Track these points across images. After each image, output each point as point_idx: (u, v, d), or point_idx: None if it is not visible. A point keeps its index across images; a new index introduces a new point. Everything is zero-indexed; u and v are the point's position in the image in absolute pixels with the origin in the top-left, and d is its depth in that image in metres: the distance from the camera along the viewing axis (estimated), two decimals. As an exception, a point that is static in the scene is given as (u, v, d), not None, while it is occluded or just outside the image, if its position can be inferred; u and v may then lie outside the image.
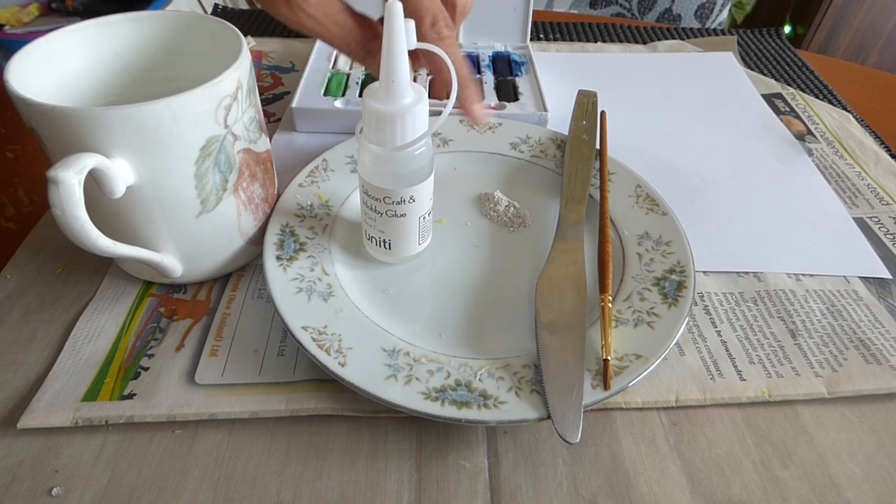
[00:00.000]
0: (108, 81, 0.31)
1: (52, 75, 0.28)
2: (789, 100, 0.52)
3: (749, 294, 0.34)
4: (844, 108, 0.51)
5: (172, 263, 0.30)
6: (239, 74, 0.27)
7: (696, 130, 0.47)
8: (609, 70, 0.55)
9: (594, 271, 0.32)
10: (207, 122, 0.26)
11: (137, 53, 0.32)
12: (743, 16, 1.39)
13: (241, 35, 0.28)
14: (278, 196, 0.35)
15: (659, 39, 0.61)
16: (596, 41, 0.60)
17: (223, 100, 0.26)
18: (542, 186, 0.39)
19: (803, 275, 0.35)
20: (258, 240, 0.33)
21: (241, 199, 0.30)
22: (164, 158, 0.26)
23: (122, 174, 0.25)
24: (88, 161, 0.23)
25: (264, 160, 0.32)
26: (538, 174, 0.40)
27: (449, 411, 0.25)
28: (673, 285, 0.30)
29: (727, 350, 0.31)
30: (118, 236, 0.27)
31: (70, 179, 0.23)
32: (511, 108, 0.45)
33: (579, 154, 0.39)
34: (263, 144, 0.31)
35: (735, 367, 0.30)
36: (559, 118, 0.44)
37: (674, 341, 0.28)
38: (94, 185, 0.25)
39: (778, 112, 0.50)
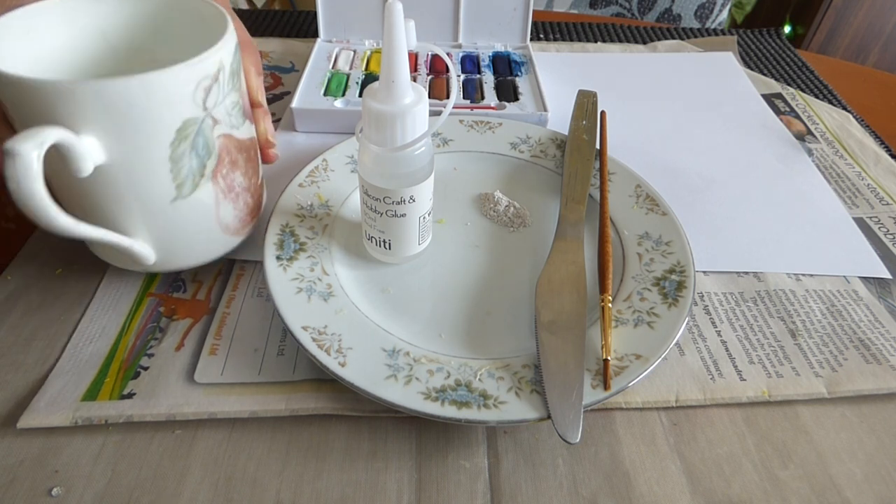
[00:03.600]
0: (92, 60, 0.30)
1: (29, 50, 0.27)
2: (789, 100, 0.51)
3: (749, 294, 0.34)
4: (844, 108, 0.51)
5: (144, 249, 0.29)
6: (221, 56, 0.26)
7: (696, 130, 0.47)
8: (609, 70, 0.55)
9: (594, 271, 0.32)
10: (184, 103, 0.25)
11: (124, 32, 0.30)
12: (743, 16, 1.39)
13: (228, 16, 0.27)
14: (277, 198, 0.34)
15: (659, 39, 0.61)
16: (596, 41, 0.60)
17: (202, 81, 0.25)
18: (542, 186, 0.39)
19: (803, 275, 0.35)
20: (237, 230, 0.32)
21: (221, 187, 0.29)
22: (136, 138, 0.25)
23: (90, 152, 0.24)
24: (50, 135, 0.22)
25: (247, 148, 0.30)
26: (538, 174, 0.40)
27: (449, 411, 0.25)
28: (673, 285, 0.30)
29: (727, 350, 0.31)
30: (88, 218, 0.25)
31: (28, 153, 0.22)
32: (511, 108, 0.45)
33: (579, 154, 0.39)
34: (247, 131, 0.30)
35: (735, 367, 0.30)
36: (559, 118, 0.44)
37: (674, 341, 0.28)
38: (62, 163, 0.24)
39: (778, 112, 0.50)
